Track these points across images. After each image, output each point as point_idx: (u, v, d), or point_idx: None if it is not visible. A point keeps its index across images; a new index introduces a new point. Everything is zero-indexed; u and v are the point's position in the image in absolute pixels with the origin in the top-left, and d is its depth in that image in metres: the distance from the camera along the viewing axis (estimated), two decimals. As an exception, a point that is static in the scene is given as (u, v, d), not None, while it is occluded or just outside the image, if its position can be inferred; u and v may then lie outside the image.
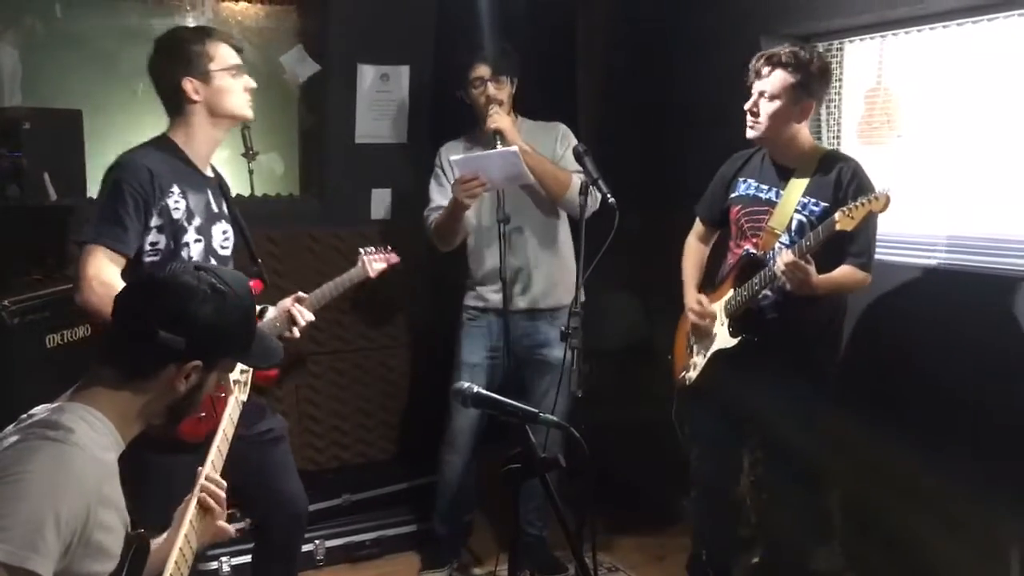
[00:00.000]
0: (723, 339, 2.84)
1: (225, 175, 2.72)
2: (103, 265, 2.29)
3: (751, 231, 2.83)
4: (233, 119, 2.55)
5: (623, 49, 3.92)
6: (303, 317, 2.69)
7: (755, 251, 2.80)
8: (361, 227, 3.94)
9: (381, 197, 4.02)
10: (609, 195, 2.76)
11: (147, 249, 2.39)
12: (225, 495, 1.81)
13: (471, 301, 3.42)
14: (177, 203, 2.42)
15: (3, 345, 2.61)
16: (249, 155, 3.67)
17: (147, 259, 2.40)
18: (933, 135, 3.19)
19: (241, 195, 3.65)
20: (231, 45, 2.51)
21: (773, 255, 2.71)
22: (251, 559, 2.92)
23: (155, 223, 2.39)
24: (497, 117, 3.20)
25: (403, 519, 3.71)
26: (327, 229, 3.90)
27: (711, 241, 3.12)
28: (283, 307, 2.70)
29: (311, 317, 2.73)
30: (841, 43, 3.38)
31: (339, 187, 3.97)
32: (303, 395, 3.90)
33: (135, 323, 1.59)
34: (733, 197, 2.92)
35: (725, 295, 2.86)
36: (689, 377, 2.98)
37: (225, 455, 1.91)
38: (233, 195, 2.77)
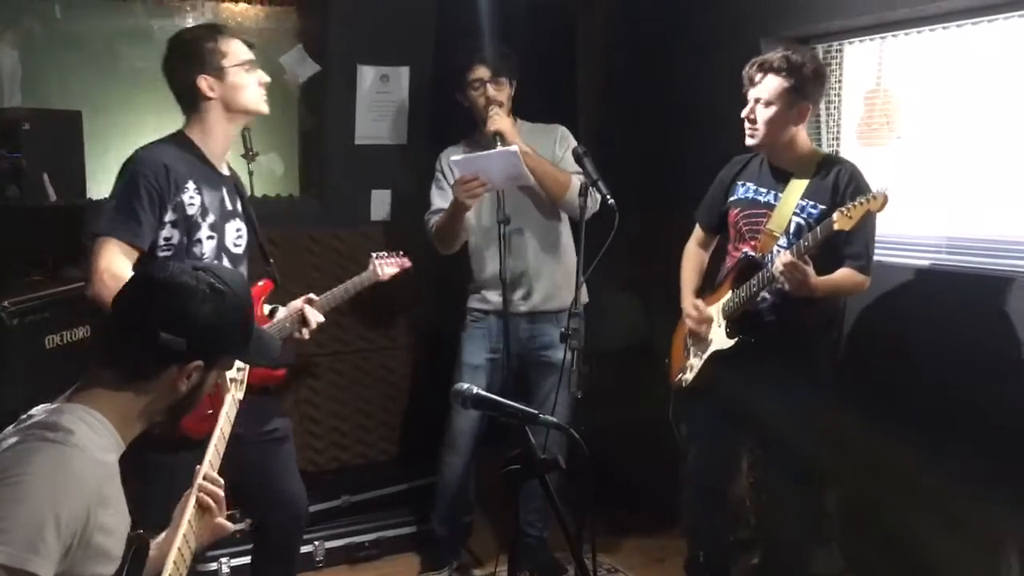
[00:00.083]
0: (720, 340, 2.84)
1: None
2: (115, 258, 2.29)
3: (749, 234, 2.83)
4: (248, 114, 2.54)
5: (623, 50, 3.92)
6: (314, 319, 2.69)
7: (753, 253, 2.80)
8: (361, 228, 3.95)
9: (381, 198, 4.02)
10: (609, 196, 2.77)
11: (161, 244, 2.39)
12: (224, 494, 1.80)
13: (474, 303, 3.42)
14: (192, 199, 2.42)
15: (3, 346, 2.60)
16: (249, 156, 3.66)
17: (161, 254, 2.39)
18: (933, 136, 3.19)
19: (241, 195, 3.65)
20: (243, 41, 2.51)
21: (771, 257, 2.71)
22: (250, 560, 2.93)
23: (169, 218, 2.38)
24: (497, 119, 3.19)
25: (403, 520, 3.71)
26: (327, 230, 3.90)
27: (711, 247, 3.12)
28: (293, 308, 2.69)
29: (321, 319, 2.72)
30: (841, 44, 3.38)
31: (339, 188, 3.97)
32: (303, 396, 3.89)
33: (135, 324, 1.59)
34: (732, 200, 2.92)
35: (723, 297, 2.86)
36: (685, 379, 2.98)
37: (223, 454, 1.91)
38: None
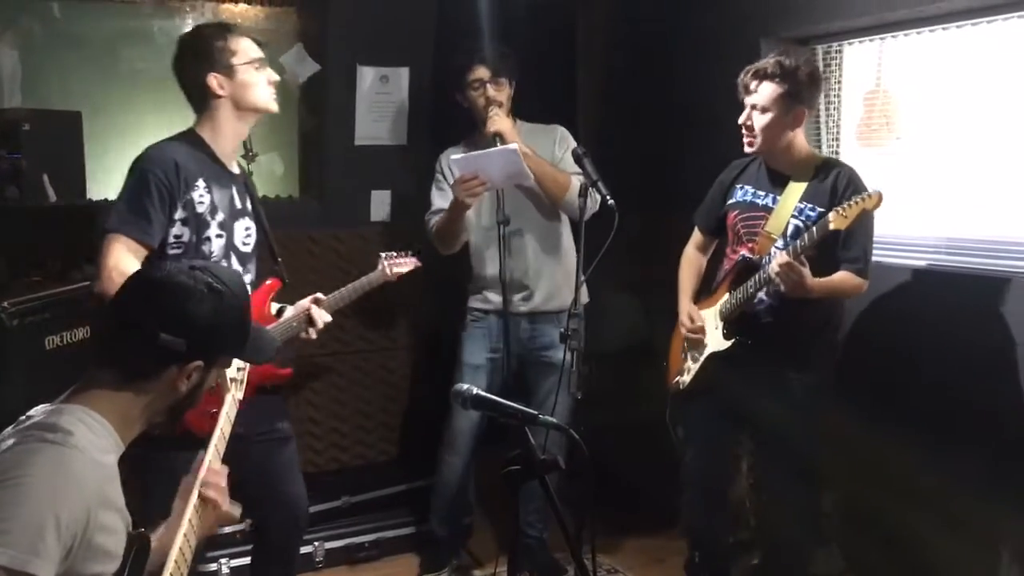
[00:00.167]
0: (717, 342, 2.85)
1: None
2: (123, 255, 2.29)
3: (747, 236, 2.84)
4: (258, 112, 2.54)
5: (623, 50, 3.92)
6: (321, 318, 2.68)
7: (751, 256, 2.80)
8: (361, 229, 3.94)
9: (381, 199, 4.02)
10: (609, 197, 2.76)
11: (171, 242, 2.39)
12: (226, 484, 1.79)
13: (475, 303, 3.41)
14: (202, 197, 2.41)
15: (3, 346, 2.60)
16: (248, 156, 3.65)
17: (171, 251, 2.39)
18: (932, 137, 3.19)
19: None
20: (253, 39, 2.51)
21: (769, 259, 2.71)
22: (250, 560, 2.92)
23: (179, 216, 2.38)
24: (497, 119, 3.19)
25: (402, 521, 3.71)
26: (326, 230, 3.90)
27: (709, 251, 3.12)
28: (301, 307, 2.68)
29: (328, 318, 2.71)
30: (840, 45, 3.38)
31: (339, 188, 3.96)
32: (302, 396, 3.89)
33: (134, 325, 1.59)
34: (730, 203, 2.92)
35: (720, 299, 2.87)
36: (683, 381, 2.98)
37: (223, 454, 1.90)
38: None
